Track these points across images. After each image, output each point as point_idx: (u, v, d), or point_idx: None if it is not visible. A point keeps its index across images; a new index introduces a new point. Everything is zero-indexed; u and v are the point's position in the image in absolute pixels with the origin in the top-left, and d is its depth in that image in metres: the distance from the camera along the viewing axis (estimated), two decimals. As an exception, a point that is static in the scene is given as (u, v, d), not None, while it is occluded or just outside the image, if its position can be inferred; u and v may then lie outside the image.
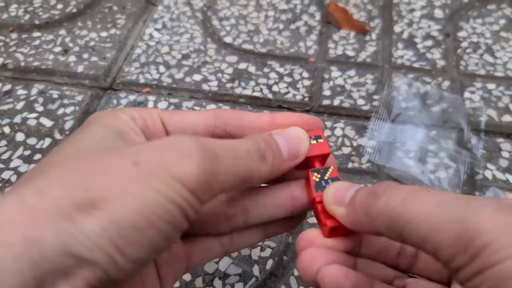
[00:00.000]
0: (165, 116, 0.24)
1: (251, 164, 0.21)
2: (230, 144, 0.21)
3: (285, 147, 0.23)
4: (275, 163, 0.22)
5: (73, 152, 0.20)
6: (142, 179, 0.18)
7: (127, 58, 0.64)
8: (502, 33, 0.66)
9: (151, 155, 0.19)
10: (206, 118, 0.24)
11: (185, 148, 0.19)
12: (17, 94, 0.59)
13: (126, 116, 0.23)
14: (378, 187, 0.21)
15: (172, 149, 0.19)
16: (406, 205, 0.20)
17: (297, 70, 0.62)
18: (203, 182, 0.19)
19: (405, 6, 0.71)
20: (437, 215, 0.18)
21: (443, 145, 0.53)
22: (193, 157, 0.19)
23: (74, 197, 0.17)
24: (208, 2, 0.72)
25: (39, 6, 0.72)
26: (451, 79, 0.61)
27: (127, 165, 0.18)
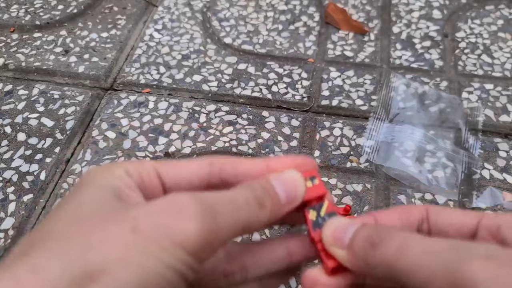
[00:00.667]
0: (161, 169, 0.23)
1: (250, 213, 0.21)
2: (228, 196, 0.21)
3: (282, 192, 0.23)
4: (273, 209, 0.22)
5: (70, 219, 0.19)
6: (141, 246, 0.18)
7: (127, 58, 0.65)
8: (500, 34, 0.67)
9: (149, 219, 0.19)
10: (200, 168, 0.24)
11: (184, 209, 0.19)
12: (18, 94, 0.60)
13: (121, 172, 0.22)
14: (375, 233, 0.21)
15: (171, 211, 0.19)
16: (400, 256, 0.20)
17: (296, 71, 0.63)
18: (203, 242, 0.19)
19: (404, 6, 0.72)
20: (429, 266, 0.19)
21: (441, 145, 0.53)
22: (193, 218, 0.19)
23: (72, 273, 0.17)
24: (208, 3, 0.73)
25: (40, 7, 0.72)
26: (449, 79, 0.61)
27: (126, 232, 0.18)
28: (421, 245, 0.20)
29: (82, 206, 0.20)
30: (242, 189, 0.22)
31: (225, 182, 0.24)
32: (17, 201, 0.49)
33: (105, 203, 0.20)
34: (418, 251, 0.19)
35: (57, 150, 0.54)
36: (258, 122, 0.57)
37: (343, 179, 0.51)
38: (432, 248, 0.19)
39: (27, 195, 0.50)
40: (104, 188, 0.21)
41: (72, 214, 0.20)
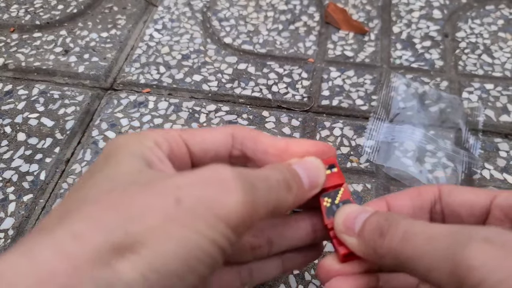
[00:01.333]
0: (187, 137, 0.23)
1: (281, 194, 0.21)
2: (264, 174, 0.21)
3: (305, 177, 0.23)
4: (298, 193, 0.22)
5: (106, 186, 0.19)
6: (185, 220, 0.17)
7: (127, 58, 0.65)
8: (501, 34, 0.67)
9: (193, 190, 0.18)
10: (225, 137, 0.24)
11: (227, 182, 0.19)
12: (18, 94, 0.60)
13: (151, 143, 0.22)
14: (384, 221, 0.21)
15: (214, 183, 0.19)
16: (404, 244, 0.20)
17: (296, 71, 0.63)
18: (244, 217, 0.19)
19: (404, 6, 0.72)
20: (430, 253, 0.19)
21: (441, 145, 0.53)
22: (236, 191, 0.18)
23: (114, 241, 0.17)
24: (208, 3, 0.73)
25: (39, 7, 0.72)
26: (449, 79, 0.61)
27: (168, 203, 0.18)
28: (424, 232, 0.20)
29: (117, 174, 0.20)
30: (272, 169, 0.22)
31: (244, 154, 0.25)
32: (17, 201, 0.49)
33: (141, 172, 0.20)
34: (421, 239, 0.19)
35: (57, 150, 0.54)
36: (258, 122, 0.57)
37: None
38: (433, 235, 0.19)
39: (27, 195, 0.50)
40: (136, 157, 0.20)
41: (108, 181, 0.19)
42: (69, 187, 0.50)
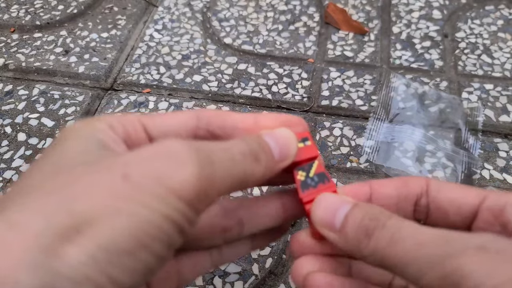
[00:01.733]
0: (146, 121, 0.22)
1: (246, 165, 0.20)
2: (224, 146, 0.20)
3: (275, 148, 0.22)
4: (268, 165, 0.21)
5: (51, 170, 0.18)
6: (133, 195, 0.16)
7: (127, 58, 0.65)
8: (500, 34, 0.67)
9: (142, 165, 0.17)
10: (188, 119, 0.23)
11: (179, 155, 0.18)
12: (18, 95, 0.60)
13: (104, 125, 0.20)
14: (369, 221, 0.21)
15: (165, 156, 0.18)
16: (391, 248, 0.19)
17: (296, 71, 0.63)
18: (200, 191, 0.18)
19: (404, 7, 0.72)
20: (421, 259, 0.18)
21: (440, 145, 0.53)
22: (189, 164, 0.17)
23: (56, 225, 0.15)
24: (208, 3, 0.73)
25: (40, 7, 0.72)
26: (449, 79, 0.61)
27: (116, 179, 0.17)
28: (413, 237, 0.19)
29: (64, 156, 0.19)
30: (236, 142, 0.21)
31: (212, 135, 0.23)
32: (17, 201, 0.49)
33: (90, 152, 0.19)
34: (411, 244, 0.19)
35: (57, 150, 0.54)
36: (258, 122, 0.57)
37: (343, 179, 0.51)
38: (424, 240, 0.19)
39: (27, 195, 0.50)
40: (87, 139, 0.19)
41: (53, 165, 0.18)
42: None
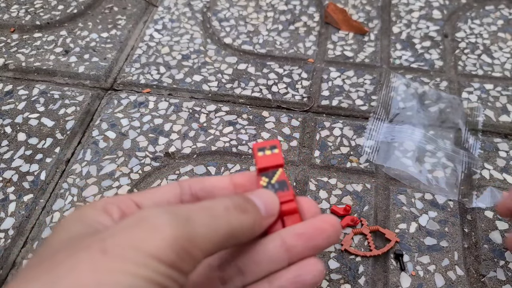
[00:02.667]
0: (137, 198, 0.23)
1: (231, 219, 0.21)
2: (204, 204, 0.21)
3: (261, 204, 0.23)
4: (256, 217, 0.22)
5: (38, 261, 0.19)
6: (113, 266, 0.17)
7: (127, 58, 0.65)
8: (500, 34, 0.67)
9: (118, 237, 0.18)
10: (173, 188, 0.25)
11: (154, 220, 0.18)
12: (18, 94, 0.60)
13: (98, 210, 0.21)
14: None
15: (139, 224, 0.18)
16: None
17: (296, 71, 0.63)
18: (179, 250, 0.18)
19: (404, 7, 0.72)
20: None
21: (440, 145, 0.53)
22: (164, 226, 0.18)
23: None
24: (208, 3, 0.73)
25: (40, 7, 0.72)
26: (449, 79, 0.61)
27: (95, 255, 0.17)
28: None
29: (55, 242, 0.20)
30: (220, 199, 0.22)
31: (196, 197, 0.25)
32: (17, 201, 0.49)
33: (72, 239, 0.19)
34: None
35: (57, 150, 0.54)
36: (258, 122, 0.57)
37: (343, 179, 0.51)
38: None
39: (27, 195, 0.50)
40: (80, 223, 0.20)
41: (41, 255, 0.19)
42: (69, 187, 0.51)
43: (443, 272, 0.44)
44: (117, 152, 0.54)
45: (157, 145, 0.54)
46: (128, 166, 0.52)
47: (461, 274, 0.44)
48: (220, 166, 0.52)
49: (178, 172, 0.52)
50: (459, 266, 0.44)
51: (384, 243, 0.46)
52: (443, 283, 0.43)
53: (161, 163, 0.53)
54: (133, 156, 0.53)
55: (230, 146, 0.54)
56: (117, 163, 0.52)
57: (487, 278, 0.43)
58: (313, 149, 0.54)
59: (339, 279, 0.43)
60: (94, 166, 0.52)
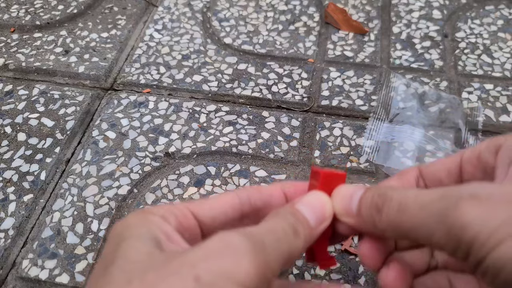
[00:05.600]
0: (195, 209, 0.24)
1: (289, 242, 0.21)
2: (269, 227, 0.21)
3: (310, 215, 0.23)
4: (306, 234, 0.23)
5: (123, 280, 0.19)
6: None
7: (127, 58, 0.65)
8: (500, 34, 0.67)
9: (208, 265, 0.18)
10: (231, 199, 0.25)
11: (238, 248, 0.19)
12: (18, 94, 0.60)
13: (158, 219, 0.22)
14: (378, 198, 0.22)
15: (226, 253, 0.19)
16: (400, 216, 0.21)
17: (296, 71, 0.63)
18: (260, 275, 0.19)
19: (404, 7, 0.72)
20: (426, 221, 0.19)
21: (440, 145, 0.53)
22: (248, 254, 0.19)
23: None
24: (208, 3, 0.73)
25: (40, 7, 0.72)
26: (449, 79, 0.61)
27: (189, 283, 0.18)
28: (416, 201, 0.20)
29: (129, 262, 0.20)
30: (275, 219, 0.22)
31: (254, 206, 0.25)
32: (17, 201, 0.49)
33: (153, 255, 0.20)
34: (415, 209, 0.20)
35: (57, 150, 0.54)
36: (258, 122, 0.57)
37: (343, 179, 0.51)
38: (425, 202, 0.20)
39: (27, 195, 0.50)
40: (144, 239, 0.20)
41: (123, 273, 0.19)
42: (69, 187, 0.51)
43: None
44: (117, 152, 0.54)
45: (157, 145, 0.54)
46: (128, 166, 0.52)
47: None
48: (220, 166, 0.52)
49: (178, 172, 0.52)
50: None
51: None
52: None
53: (161, 163, 0.53)
54: (133, 156, 0.53)
55: (230, 146, 0.54)
56: (117, 163, 0.52)
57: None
58: (313, 149, 0.54)
59: (339, 279, 0.43)
60: (94, 166, 0.52)
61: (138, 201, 0.49)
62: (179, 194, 0.50)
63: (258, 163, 0.52)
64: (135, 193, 0.50)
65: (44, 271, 0.44)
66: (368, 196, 0.23)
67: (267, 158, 0.53)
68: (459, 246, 0.18)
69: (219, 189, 0.50)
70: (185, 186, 0.50)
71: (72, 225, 0.47)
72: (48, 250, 0.46)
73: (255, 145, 0.54)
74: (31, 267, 0.45)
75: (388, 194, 0.22)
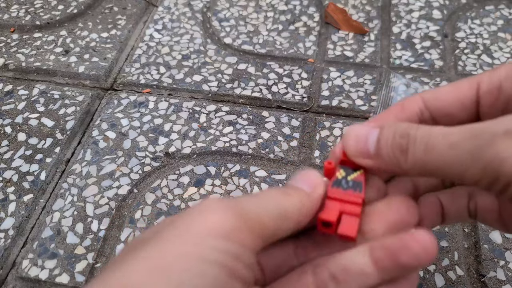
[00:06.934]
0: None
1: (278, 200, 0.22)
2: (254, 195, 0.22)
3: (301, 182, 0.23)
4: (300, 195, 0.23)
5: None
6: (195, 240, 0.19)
7: (127, 58, 0.65)
8: (500, 34, 0.67)
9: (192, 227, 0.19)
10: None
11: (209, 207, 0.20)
12: (18, 95, 0.60)
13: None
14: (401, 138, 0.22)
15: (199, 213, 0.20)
16: (429, 156, 0.20)
17: (296, 71, 0.63)
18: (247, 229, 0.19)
19: (404, 7, 0.72)
20: (458, 159, 0.19)
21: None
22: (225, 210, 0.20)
23: None
24: (208, 3, 0.73)
25: (40, 7, 0.72)
26: (449, 79, 0.61)
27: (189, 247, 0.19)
28: (445, 139, 0.20)
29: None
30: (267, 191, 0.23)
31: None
32: (17, 201, 0.49)
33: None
34: (444, 148, 0.20)
35: (57, 150, 0.54)
36: (258, 122, 0.57)
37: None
38: (455, 140, 0.20)
39: (27, 195, 0.50)
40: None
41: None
42: (69, 187, 0.51)
43: (443, 272, 0.44)
44: (117, 152, 0.54)
45: (157, 145, 0.54)
46: (128, 166, 0.52)
47: (461, 274, 0.44)
48: (220, 166, 0.52)
49: (178, 172, 0.52)
50: (459, 266, 0.44)
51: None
52: (443, 283, 0.43)
53: (161, 163, 0.53)
54: (133, 156, 0.53)
55: (230, 146, 0.54)
56: (117, 163, 0.52)
57: (487, 278, 0.43)
58: (313, 149, 0.54)
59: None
60: (94, 166, 0.52)
61: (138, 201, 0.49)
62: (179, 194, 0.50)
63: (258, 163, 0.52)
64: (135, 193, 0.50)
65: (44, 271, 0.44)
66: (389, 136, 0.22)
67: (267, 158, 0.53)
68: (497, 180, 0.19)
69: (219, 189, 0.50)
70: (185, 186, 0.50)
71: (72, 225, 0.47)
72: (48, 250, 0.46)
73: (255, 145, 0.54)
74: (31, 267, 0.45)
75: (411, 133, 0.21)
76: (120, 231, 0.47)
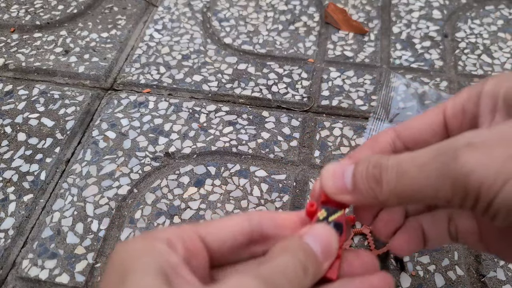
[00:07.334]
0: (203, 231, 0.23)
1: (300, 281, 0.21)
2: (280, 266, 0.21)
3: (317, 247, 0.23)
4: (315, 272, 0.22)
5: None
6: None
7: (127, 58, 0.65)
8: (500, 34, 0.67)
9: None
10: (241, 222, 0.24)
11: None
12: (18, 94, 0.60)
13: (164, 246, 0.21)
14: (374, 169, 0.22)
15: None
16: (402, 183, 0.21)
17: (296, 71, 0.63)
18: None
19: (404, 7, 0.72)
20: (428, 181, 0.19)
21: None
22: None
23: None
24: (208, 3, 0.73)
25: (40, 7, 0.72)
26: (449, 79, 0.61)
27: None
28: (413, 163, 0.20)
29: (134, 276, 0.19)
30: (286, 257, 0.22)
31: (265, 235, 0.25)
32: (17, 201, 0.49)
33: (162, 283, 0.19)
34: (414, 170, 0.20)
35: (57, 150, 0.54)
36: (258, 122, 0.57)
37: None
38: (423, 162, 0.20)
39: (27, 195, 0.50)
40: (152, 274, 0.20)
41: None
42: (69, 187, 0.51)
43: (443, 272, 0.44)
44: (117, 152, 0.54)
45: (157, 145, 0.54)
46: (128, 166, 0.52)
47: (461, 274, 0.44)
48: (220, 166, 0.52)
49: (178, 172, 0.52)
50: (459, 266, 0.44)
51: (384, 243, 0.46)
52: (443, 283, 0.43)
53: (161, 163, 0.53)
54: (133, 156, 0.53)
55: (230, 146, 0.54)
56: (117, 163, 0.52)
57: (487, 278, 0.43)
58: (313, 149, 0.54)
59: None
60: (94, 166, 0.52)
61: (138, 201, 0.49)
62: (179, 194, 0.50)
63: (258, 163, 0.52)
64: (135, 193, 0.50)
65: (44, 271, 0.44)
66: (362, 169, 0.23)
67: (267, 158, 0.53)
68: (467, 195, 0.19)
69: (219, 189, 0.50)
70: (185, 186, 0.50)
71: (72, 225, 0.47)
72: (48, 250, 0.46)
73: (255, 145, 0.54)
74: (31, 267, 0.45)
75: (383, 163, 0.22)
76: (120, 231, 0.47)
